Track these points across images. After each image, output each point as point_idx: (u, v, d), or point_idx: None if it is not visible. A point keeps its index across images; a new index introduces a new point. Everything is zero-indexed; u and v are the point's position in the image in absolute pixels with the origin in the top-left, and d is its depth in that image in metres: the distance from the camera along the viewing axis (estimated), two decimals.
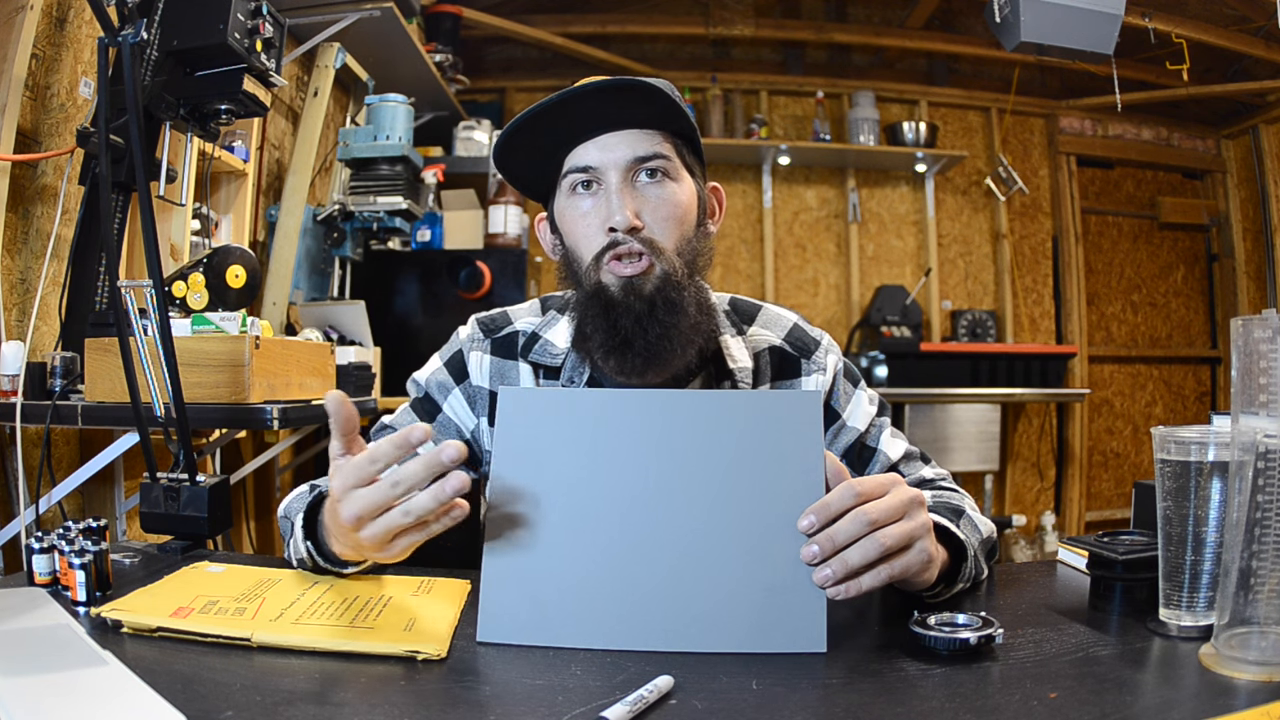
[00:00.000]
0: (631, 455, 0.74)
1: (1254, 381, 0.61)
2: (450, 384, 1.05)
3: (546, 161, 0.96)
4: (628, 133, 0.92)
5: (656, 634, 0.70)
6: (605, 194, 0.92)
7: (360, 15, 2.67)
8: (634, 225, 0.91)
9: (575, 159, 0.93)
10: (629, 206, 0.91)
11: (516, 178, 1.00)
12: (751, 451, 0.73)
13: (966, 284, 4.36)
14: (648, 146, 0.93)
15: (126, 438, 1.59)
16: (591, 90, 0.88)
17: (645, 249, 0.91)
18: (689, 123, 0.96)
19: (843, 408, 1.05)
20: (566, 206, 0.96)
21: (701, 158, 1.01)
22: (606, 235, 0.92)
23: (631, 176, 0.93)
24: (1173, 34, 3.03)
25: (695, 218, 0.97)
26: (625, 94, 0.89)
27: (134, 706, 0.56)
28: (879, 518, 0.69)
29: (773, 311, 1.10)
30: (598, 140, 0.92)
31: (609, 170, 0.92)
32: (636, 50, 4.23)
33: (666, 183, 0.94)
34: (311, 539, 0.84)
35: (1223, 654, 0.62)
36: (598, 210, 0.93)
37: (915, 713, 0.58)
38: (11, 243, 1.77)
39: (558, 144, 0.94)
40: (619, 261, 0.91)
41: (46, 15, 1.82)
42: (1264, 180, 4.27)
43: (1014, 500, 4.30)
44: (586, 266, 0.94)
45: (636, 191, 0.93)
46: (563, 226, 0.98)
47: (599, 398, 0.82)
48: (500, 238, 3.06)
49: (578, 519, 0.72)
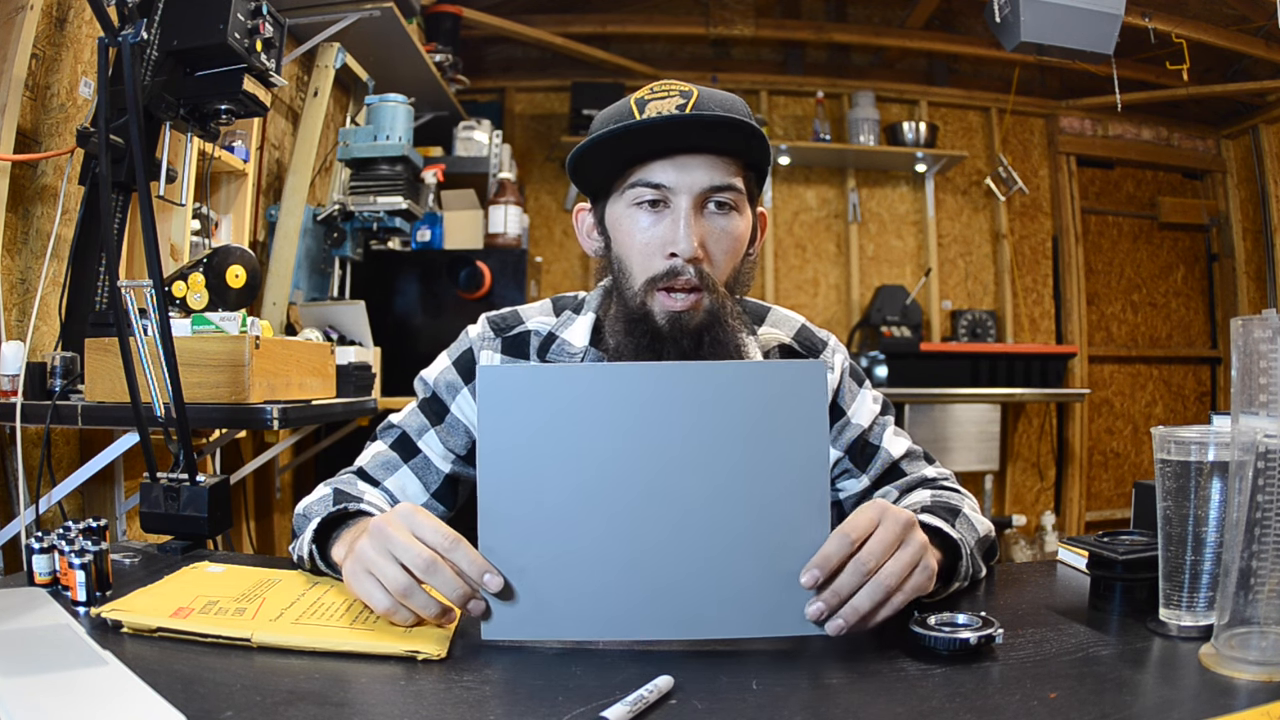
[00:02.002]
0: (627, 436, 0.70)
1: (1254, 381, 0.61)
2: (459, 383, 1.04)
3: (610, 163, 0.94)
4: (706, 158, 0.90)
5: (662, 623, 0.69)
6: (673, 217, 0.90)
7: (360, 15, 2.67)
8: (697, 255, 0.89)
9: (648, 173, 0.91)
10: (695, 236, 0.89)
11: (580, 176, 0.98)
12: (754, 425, 0.70)
13: (966, 284, 4.36)
14: (724, 176, 0.91)
15: (126, 438, 1.59)
16: (686, 120, 0.86)
17: (700, 282, 0.90)
18: (766, 156, 0.94)
19: (848, 405, 1.06)
20: (625, 217, 0.94)
21: (763, 186, 1.00)
22: (666, 260, 0.90)
23: (702, 204, 0.91)
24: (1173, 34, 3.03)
25: (747, 246, 0.97)
26: (715, 124, 0.88)
27: (134, 706, 0.56)
28: (876, 563, 0.69)
29: (781, 312, 1.11)
30: (675, 160, 0.90)
31: (682, 193, 0.90)
32: (636, 50, 4.23)
33: (732, 215, 0.93)
34: (319, 543, 0.85)
35: (1223, 654, 0.62)
36: (661, 231, 0.91)
37: (915, 713, 0.58)
38: (11, 243, 1.77)
39: (629, 152, 0.92)
40: (669, 295, 0.90)
41: (46, 15, 1.82)
42: (1264, 180, 4.27)
43: (1014, 500, 4.30)
44: (637, 286, 0.93)
45: (704, 220, 0.91)
46: (615, 234, 0.96)
47: (590, 373, 0.78)
48: (500, 238, 3.06)
49: (574, 508, 0.69)
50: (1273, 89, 3.98)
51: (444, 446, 1.04)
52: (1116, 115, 4.31)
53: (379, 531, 0.71)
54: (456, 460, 1.04)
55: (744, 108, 0.93)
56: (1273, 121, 4.20)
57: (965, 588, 0.87)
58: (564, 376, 0.74)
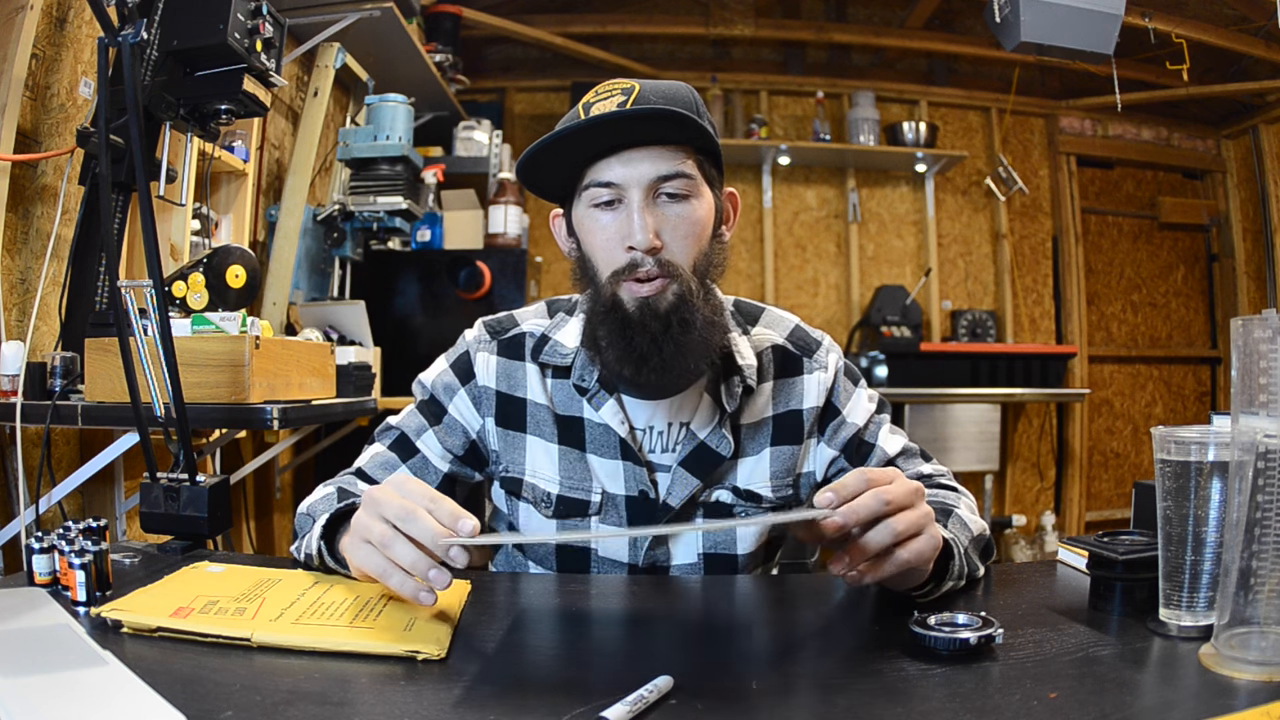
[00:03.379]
0: None
1: (1254, 381, 0.61)
2: (456, 385, 1.06)
3: (567, 169, 0.96)
4: (651, 150, 0.92)
5: None
6: (627, 211, 0.92)
7: (360, 15, 2.67)
8: (654, 245, 0.91)
9: (598, 173, 0.93)
10: (650, 226, 0.91)
11: (535, 184, 1.00)
12: None
13: (966, 284, 4.36)
14: (671, 165, 0.92)
15: (126, 438, 1.59)
16: (613, 118, 0.88)
17: (662, 272, 0.92)
18: (712, 139, 0.96)
19: (843, 404, 1.07)
20: (585, 218, 0.96)
21: (721, 168, 1.01)
22: (626, 254, 0.92)
23: (653, 194, 0.93)
24: (1173, 34, 3.03)
25: (712, 229, 0.98)
26: (649, 116, 0.89)
27: (134, 706, 0.56)
28: (892, 499, 0.73)
29: (775, 313, 1.12)
30: (622, 156, 0.92)
31: (631, 187, 0.92)
32: (636, 50, 4.23)
33: (687, 201, 0.94)
34: (326, 539, 0.86)
35: (1223, 654, 0.62)
36: (618, 227, 0.93)
37: (915, 713, 0.58)
38: (11, 243, 1.77)
39: (580, 155, 0.94)
40: (636, 283, 0.92)
41: (46, 15, 1.82)
42: (1264, 180, 4.27)
43: (1014, 500, 4.30)
44: (604, 280, 0.94)
45: (657, 209, 0.93)
46: (581, 235, 0.98)
47: None
48: (500, 238, 3.06)
49: None
50: (1273, 89, 3.98)
51: (442, 447, 1.05)
52: (1116, 115, 4.31)
53: (370, 499, 0.76)
54: (454, 460, 1.06)
55: (685, 97, 0.94)
56: (1273, 121, 4.20)
57: (962, 587, 0.87)
58: None
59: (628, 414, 1.01)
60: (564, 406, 1.03)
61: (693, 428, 1.01)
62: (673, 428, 1.01)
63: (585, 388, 1.01)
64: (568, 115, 0.95)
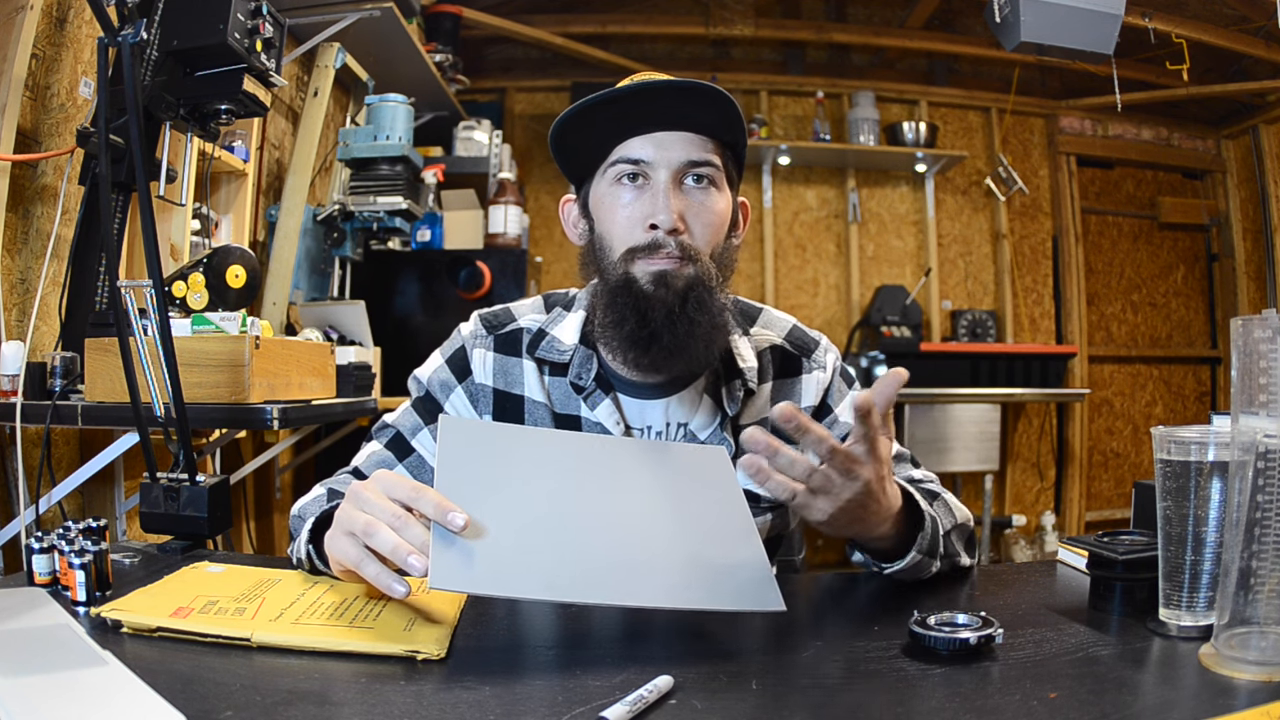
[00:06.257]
0: (567, 481, 0.79)
1: (1254, 381, 0.61)
2: (453, 382, 1.05)
3: (595, 144, 0.96)
4: (683, 135, 0.93)
5: (613, 588, 0.70)
6: (652, 190, 0.93)
7: (360, 15, 2.67)
8: (677, 226, 0.91)
9: (627, 150, 0.93)
10: (675, 208, 0.91)
11: (560, 151, 1.00)
12: (679, 485, 0.83)
13: (966, 284, 4.36)
14: (701, 152, 0.93)
15: (126, 438, 1.59)
16: (660, 87, 0.89)
17: (682, 254, 0.92)
18: (743, 136, 0.96)
19: (836, 405, 1.08)
20: (607, 194, 0.96)
21: (741, 173, 1.01)
22: (647, 232, 0.92)
23: (680, 178, 0.93)
24: (1173, 34, 3.03)
25: (728, 229, 0.99)
26: (691, 95, 0.90)
27: (134, 706, 0.56)
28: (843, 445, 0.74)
29: (773, 313, 1.12)
30: (653, 136, 0.93)
31: (660, 168, 0.92)
32: (636, 50, 4.23)
33: (711, 191, 0.95)
34: (314, 542, 0.85)
35: (1223, 654, 0.62)
36: (641, 205, 0.93)
37: (915, 713, 0.58)
38: (11, 243, 1.77)
39: (610, 131, 0.94)
40: (653, 258, 0.92)
41: (46, 15, 1.82)
42: (1264, 180, 4.27)
43: (1014, 500, 4.30)
44: (616, 258, 0.94)
45: (682, 194, 0.93)
46: (598, 213, 0.98)
47: (536, 435, 0.90)
48: (500, 238, 3.06)
49: (521, 519, 0.73)
50: (1273, 89, 3.98)
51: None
52: (1116, 115, 4.31)
53: (353, 494, 0.75)
54: None
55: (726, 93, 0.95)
56: (1273, 121, 4.20)
57: (945, 571, 0.89)
58: (512, 435, 0.89)
59: (624, 414, 1.01)
60: (561, 405, 1.03)
61: (692, 429, 1.01)
62: (671, 428, 1.01)
63: (582, 386, 1.00)
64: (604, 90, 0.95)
